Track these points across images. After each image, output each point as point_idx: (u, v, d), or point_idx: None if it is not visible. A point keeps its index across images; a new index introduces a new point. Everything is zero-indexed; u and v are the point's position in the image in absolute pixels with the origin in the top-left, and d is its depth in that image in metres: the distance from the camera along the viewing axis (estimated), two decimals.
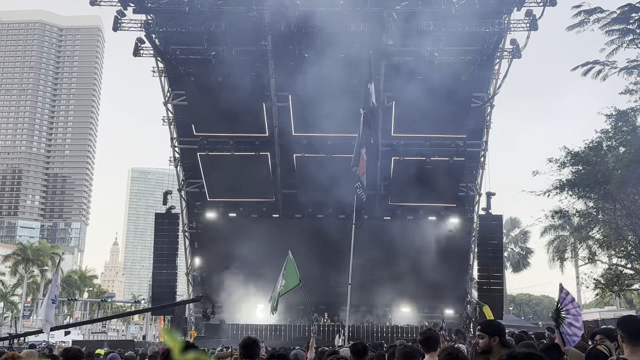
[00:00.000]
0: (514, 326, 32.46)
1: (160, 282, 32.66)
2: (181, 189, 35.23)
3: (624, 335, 4.75)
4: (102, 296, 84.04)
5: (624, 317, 5.01)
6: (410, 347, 5.18)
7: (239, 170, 32.51)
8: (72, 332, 46.76)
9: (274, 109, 31.88)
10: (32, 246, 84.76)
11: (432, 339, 5.92)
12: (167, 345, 2.10)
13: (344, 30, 27.97)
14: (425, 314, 34.87)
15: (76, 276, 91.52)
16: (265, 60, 30.37)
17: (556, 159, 29.72)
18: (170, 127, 33.93)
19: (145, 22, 29.50)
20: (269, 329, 32.53)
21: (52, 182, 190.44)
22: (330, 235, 29.90)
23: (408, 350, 5.03)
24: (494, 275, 31.72)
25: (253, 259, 31.18)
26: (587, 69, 30.59)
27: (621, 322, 4.90)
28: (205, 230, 35.39)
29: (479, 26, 28.35)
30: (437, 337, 6.31)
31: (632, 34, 28.68)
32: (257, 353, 5.75)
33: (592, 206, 30.50)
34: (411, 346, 5.28)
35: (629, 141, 28.22)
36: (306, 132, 32.30)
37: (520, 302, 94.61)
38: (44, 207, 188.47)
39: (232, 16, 28.30)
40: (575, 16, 29.57)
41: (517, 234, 67.64)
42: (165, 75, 32.31)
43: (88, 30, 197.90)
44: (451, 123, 30.82)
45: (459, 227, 34.41)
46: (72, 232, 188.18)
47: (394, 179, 33.41)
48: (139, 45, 30.69)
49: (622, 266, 31.88)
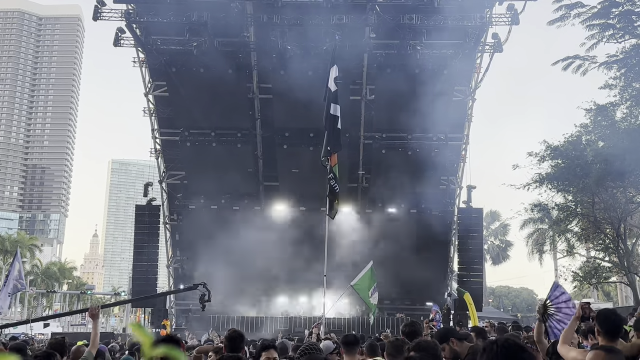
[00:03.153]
0: (493, 318, 32.74)
1: (141, 274, 32.46)
2: (162, 180, 35.01)
3: (600, 330, 4.82)
4: (81, 288, 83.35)
5: (602, 312, 5.06)
6: (401, 340, 5.20)
7: (220, 162, 32.38)
8: (51, 324, 46.38)
9: (256, 101, 31.75)
10: (10, 237, 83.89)
11: (416, 332, 5.97)
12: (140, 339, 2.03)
13: (327, 22, 27.91)
14: (406, 306, 35.00)
15: (55, 268, 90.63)
16: (247, 52, 30.21)
17: (536, 153, 29.99)
18: (151, 119, 33.65)
19: (126, 11, 29.18)
20: (251, 320, 32.50)
21: (31, 173, 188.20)
22: (311, 227, 29.91)
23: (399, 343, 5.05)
24: (473, 267, 31.95)
25: (235, 251, 31.09)
26: (568, 63, 30.82)
27: (598, 317, 4.96)
28: (186, 222, 35.22)
29: (461, 20, 28.45)
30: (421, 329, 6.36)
31: (612, 29, 28.93)
32: (242, 347, 5.75)
33: (571, 200, 30.82)
34: (402, 339, 5.30)
35: (607, 135, 28.54)
36: (288, 124, 32.30)
37: (500, 294, 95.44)
38: (23, 199, 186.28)
39: (214, 7, 28.11)
40: (556, 11, 29.79)
41: (497, 227, 68.17)
42: (146, 66, 32.03)
43: (68, 19, 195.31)
44: (433, 116, 30.94)
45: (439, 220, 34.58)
46: (51, 224, 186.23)
47: (375, 171, 33.53)
48: (120, 35, 30.38)
49: (600, 259, 32.30)
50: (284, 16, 28.15)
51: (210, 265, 32.40)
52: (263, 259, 32.19)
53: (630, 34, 28.65)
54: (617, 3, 28.55)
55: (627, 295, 49.41)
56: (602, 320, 4.85)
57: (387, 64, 30.39)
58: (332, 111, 13.91)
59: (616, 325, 4.84)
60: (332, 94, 13.77)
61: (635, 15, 28.44)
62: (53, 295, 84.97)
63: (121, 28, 30.10)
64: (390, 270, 31.25)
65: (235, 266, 30.65)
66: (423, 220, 33.54)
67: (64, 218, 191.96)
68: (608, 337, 4.73)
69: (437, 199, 34.07)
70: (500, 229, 67.71)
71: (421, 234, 33.42)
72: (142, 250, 32.67)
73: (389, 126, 32.47)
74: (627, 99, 28.78)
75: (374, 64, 30.34)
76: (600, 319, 4.89)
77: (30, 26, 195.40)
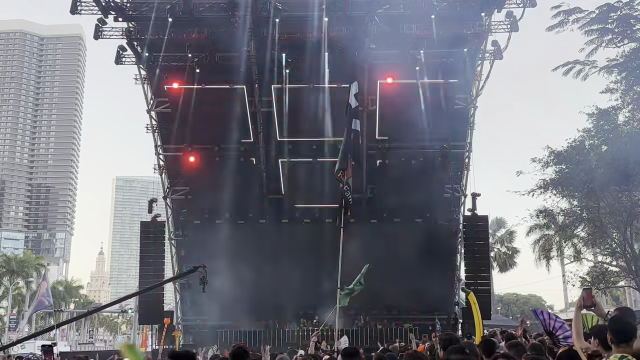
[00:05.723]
0: (502, 326, 32.58)
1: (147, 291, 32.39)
2: (166, 196, 35.03)
3: (610, 335, 4.81)
4: (88, 307, 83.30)
5: (612, 317, 5.07)
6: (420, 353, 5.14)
7: (224, 176, 32.40)
8: (58, 343, 46.33)
9: (258, 114, 31.83)
10: (16, 257, 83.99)
11: None
12: None
13: (326, 34, 28.05)
14: (413, 317, 34.83)
15: (62, 287, 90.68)
16: (248, 66, 30.34)
17: (539, 159, 29.99)
18: (154, 135, 33.74)
19: (126, 29, 29.36)
20: (257, 335, 32.37)
21: (36, 193, 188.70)
22: (318, 239, 29.88)
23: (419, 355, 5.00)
24: (481, 275, 31.80)
25: (240, 266, 31.04)
26: (568, 68, 30.89)
27: (609, 321, 4.96)
28: (191, 237, 35.19)
29: (461, 28, 28.53)
30: None
31: (610, 34, 28.99)
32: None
33: (576, 205, 30.79)
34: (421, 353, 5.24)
35: (610, 139, 28.53)
36: (291, 136, 32.36)
37: (508, 301, 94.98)
38: (28, 218, 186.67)
39: (214, 22, 28.27)
40: (554, 17, 29.88)
41: (503, 234, 67.87)
42: (148, 83, 32.17)
43: (69, 39, 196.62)
44: (435, 125, 30.98)
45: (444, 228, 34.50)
46: (57, 243, 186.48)
47: (380, 182, 33.50)
48: (121, 53, 30.54)
49: (607, 264, 32.20)
50: (283, 29, 28.32)
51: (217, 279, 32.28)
52: (269, 273, 32.14)
53: (629, 38, 28.71)
54: (615, 7, 28.63)
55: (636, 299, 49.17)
56: (610, 324, 4.87)
57: (387, 74, 30.44)
58: (354, 126, 14.15)
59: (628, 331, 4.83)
60: (352, 109, 13.98)
61: (633, 19, 28.50)
62: (60, 314, 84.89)
63: (122, 46, 30.28)
64: (397, 281, 31.17)
65: (242, 280, 30.59)
66: (428, 230, 33.42)
67: (69, 236, 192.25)
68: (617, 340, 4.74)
69: (442, 207, 33.99)
70: (507, 235, 67.40)
71: (427, 243, 33.26)
72: (148, 267, 32.60)
73: (391, 136, 32.45)
74: (628, 102, 28.82)
75: (373, 73, 30.40)
76: (609, 322, 4.91)
77: (32, 46, 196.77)
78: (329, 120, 29.91)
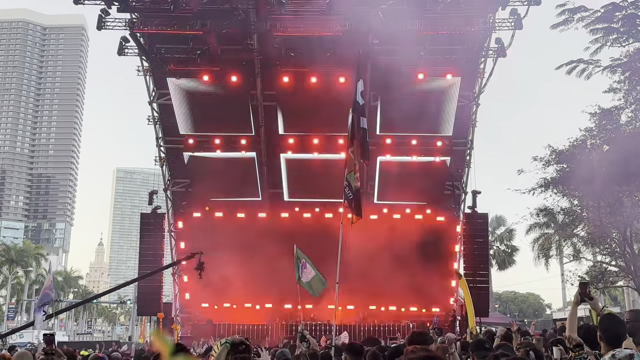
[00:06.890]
0: (500, 323, 32.59)
1: (146, 282, 32.37)
2: (167, 188, 35.02)
3: (601, 335, 4.84)
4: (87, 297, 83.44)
5: (604, 317, 5.08)
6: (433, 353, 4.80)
7: (225, 169, 32.38)
8: (57, 333, 46.42)
9: (260, 108, 31.79)
10: (16, 247, 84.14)
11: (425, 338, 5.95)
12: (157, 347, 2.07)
13: (330, 29, 27.98)
14: (412, 313, 34.87)
15: (61, 277, 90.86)
16: (251, 59, 30.27)
17: (541, 157, 29.96)
18: (155, 127, 33.70)
19: (129, 20, 29.27)
20: (256, 328, 32.42)
21: (36, 182, 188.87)
22: (317, 234, 29.82)
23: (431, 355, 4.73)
24: (479, 273, 31.85)
25: (240, 259, 31.05)
26: (571, 67, 30.81)
27: (600, 322, 4.99)
28: (191, 230, 35.17)
29: (464, 25, 28.43)
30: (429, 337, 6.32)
31: (615, 33, 28.90)
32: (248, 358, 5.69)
33: (576, 204, 30.77)
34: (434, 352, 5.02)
35: (613, 139, 28.48)
36: (292, 131, 32.33)
37: (506, 299, 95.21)
38: (28, 208, 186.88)
39: (217, 15, 28.18)
40: (559, 15, 29.78)
41: (503, 232, 67.95)
42: (150, 75, 32.11)
43: (72, 29, 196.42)
44: (437, 122, 30.92)
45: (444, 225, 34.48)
46: (57, 233, 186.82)
47: (380, 178, 33.47)
48: (124, 44, 30.45)
49: (606, 263, 32.20)
50: (286, 23, 28.23)
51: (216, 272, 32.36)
52: (268, 266, 32.11)
53: (634, 38, 28.63)
54: (620, 7, 28.53)
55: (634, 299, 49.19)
56: (600, 326, 4.91)
57: (390, 70, 30.37)
58: (362, 124, 14.12)
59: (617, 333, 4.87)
60: (360, 107, 13.94)
61: (639, 19, 28.41)
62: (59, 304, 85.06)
63: (125, 37, 30.19)
64: (396, 277, 31.17)
65: (241, 273, 30.61)
66: (428, 226, 33.43)
67: (69, 227, 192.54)
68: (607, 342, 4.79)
69: (442, 204, 33.99)
70: (506, 234, 67.49)
71: (426, 240, 33.27)
72: (147, 259, 32.65)
73: (393, 132, 32.41)
74: (631, 102, 28.76)
75: (376, 69, 30.33)
76: (600, 324, 4.94)
77: (34, 36, 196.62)
78: (331, 115, 29.86)
